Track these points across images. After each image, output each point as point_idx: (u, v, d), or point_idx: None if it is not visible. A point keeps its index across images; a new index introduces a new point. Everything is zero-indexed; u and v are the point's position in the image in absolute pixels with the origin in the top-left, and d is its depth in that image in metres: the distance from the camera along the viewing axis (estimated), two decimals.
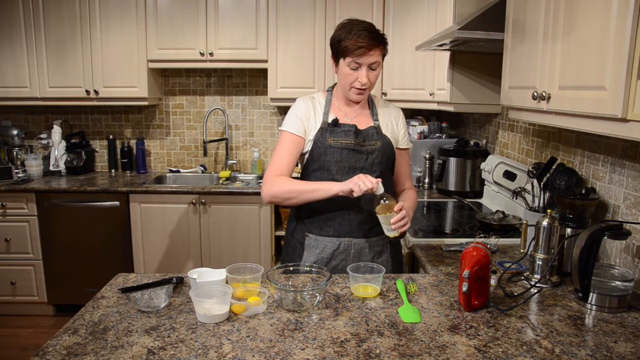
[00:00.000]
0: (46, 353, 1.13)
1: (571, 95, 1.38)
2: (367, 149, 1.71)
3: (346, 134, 1.71)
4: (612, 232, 1.39)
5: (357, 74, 1.65)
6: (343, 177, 1.69)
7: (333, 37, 1.67)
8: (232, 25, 3.41)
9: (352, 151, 1.70)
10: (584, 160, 1.90)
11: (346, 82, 1.68)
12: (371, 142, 1.73)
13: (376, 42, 1.61)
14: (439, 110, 3.09)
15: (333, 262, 1.73)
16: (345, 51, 1.62)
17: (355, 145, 1.70)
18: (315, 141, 1.72)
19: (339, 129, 1.72)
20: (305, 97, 1.80)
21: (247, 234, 3.32)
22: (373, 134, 1.74)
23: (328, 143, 1.70)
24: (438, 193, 3.08)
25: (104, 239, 3.31)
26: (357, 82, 1.66)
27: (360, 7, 3.34)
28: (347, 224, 1.72)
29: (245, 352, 1.14)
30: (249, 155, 3.94)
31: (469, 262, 1.34)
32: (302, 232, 1.77)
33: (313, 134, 1.73)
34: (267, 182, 1.69)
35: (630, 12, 1.11)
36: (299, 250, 1.78)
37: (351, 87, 1.68)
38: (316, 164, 1.73)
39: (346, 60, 1.64)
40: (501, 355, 1.14)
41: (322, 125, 1.73)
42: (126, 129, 3.93)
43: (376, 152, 1.72)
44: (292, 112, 1.76)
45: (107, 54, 3.45)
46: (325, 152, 1.70)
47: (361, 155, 1.71)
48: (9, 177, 3.38)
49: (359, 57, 1.61)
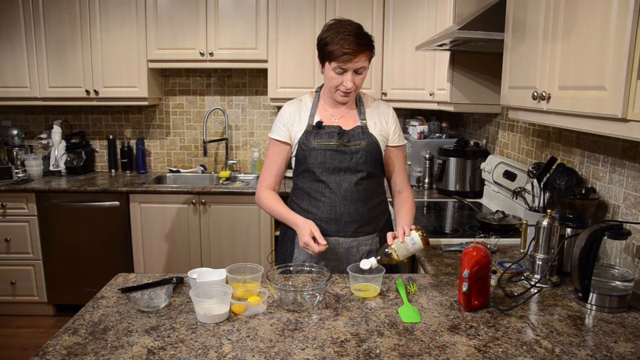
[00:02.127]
0: (46, 353, 1.13)
1: (571, 95, 1.38)
2: (351, 149, 1.72)
3: (330, 135, 1.72)
4: (612, 232, 1.39)
5: (342, 78, 1.65)
6: (328, 178, 1.72)
7: (320, 38, 1.67)
8: (232, 25, 3.41)
9: (336, 152, 1.71)
10: (584, 160, 1.90)
11: (331, 85, 1.69)
12: (356, 142, 1.73)
13: (362, 47, 1.61)
14: (439, 110, 3.09)
15: (322, 262, 1.73)
16: (331, 56, 1.62)
17: (339, 146, 1.71)
18: (300, 144, 1.74)
19: (322, 130, 1.73)
20: (292, 101, 1.83)
21: (247, 234, 3.32)
22: (359, 134, 1.74)
23: (312, 145, 1.72)
24: (438, 193, 3.08)
25: (104, 239, 3.31)
26: (342, 85, 1.67)
27: (360, 7, 3.34)
28: (335, 223, 1.73)
29: (245, 352, 1.14)
30: (249, 155, 3.94)
31: (469, 262, 1.35)
32: (292, 231, 1.77)
33: (299, 137, 1.75)
34: (257, 193, 1.83)
35: (630, 12, 1.11)
36: (290, 249, 1.80)
37: (336, 90, 1.69)
38: (302, 166, 1.76)
39: (331, 64, 1.64)
40: (501, 355, 1.14)
41: (306, 128, 1.75)
42: (126, 129, 3.93)
43: (360, 152, 1.72)
44: (278, 118, 1.80)
45: (107, 54, 3.45)
46: (309, 155, 1.72)
47: (345, 155, 1.71)
48: (9, 177, 3.38)
49: (345, 63, 1.61)
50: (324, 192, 1.74)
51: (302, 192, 1.79)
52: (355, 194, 1.73)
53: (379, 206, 1.81)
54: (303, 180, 1.78)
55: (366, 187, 1.75)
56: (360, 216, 1.74)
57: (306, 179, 1.77)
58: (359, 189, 1.74)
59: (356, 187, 1.73)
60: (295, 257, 1.78)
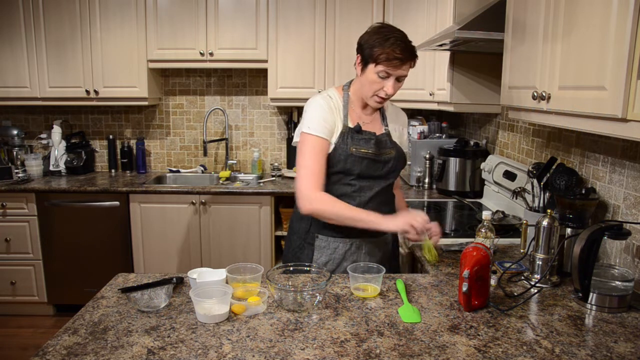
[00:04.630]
0: (46, 353, 1.13)
1: (571, 95, 1.38)
2: (384, 158, 1.71)
3: (367, 142, 1.68)
4: (612, 232, 1.39)
5: (384, 83, 1.60)
6: (359, 183, 1.70)
7: (366, 40, 1.60)
8: (232, 25, 3.41)
9: (372, 161, 1.69)
10: (584, 160, 1.90)
11: (371, 89, 1.63)
12: (386, 151, 1.73)
13: (411, 55, 1.59)
14: (439, 110, 3.09)
15: (345, 263, 1.72)
16: (379, 59, 1.56)
17: (375, 155, 1.69)
18: (337, 147, 1.67)
19: (359, 135, 1.68)
20: (323, 96, 1.72)
21: (247, 234, 3.32)
22: (387, 142, 1.74)
23: (350, 151, 1.66)
24: (438, 193, 3.08)
25: (104, 239, 3.31)
26: (381, 91, 1.62)
27: (360, 7, 3.34)
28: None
29: (245, 352, 1.14)
30: (249, 155, 3.94)
31: (469, 262, 1.35)
32: (312, 234, 1.75)
33: (335, 138, 1.67)
34: (307, 197, 1.61)
35: (630, 12, 1.11)
36: (307, 251, 1.77)
37: (374, 95, 1.64)
38: (334, 168, 1.69)
39: (377, 67, 1.58)
40: (501, 355, 1.14)
41: (343, 129, 1.68)
42: (126, 129, 3.93)
43: (392, 162, 1.73)
44: (317, 113, 1.66)
45: (107, 54, 3.45)
46: (346, 160, 1.67)
47: (378, 164, 1.70)
48: (9, 177, 3.38)
49: (393, 68, 1.57)
50: (352, 195, 1.70)
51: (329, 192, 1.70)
52: (380, 197, 1.74)
53: (393, 207, 1.85)
54: (331, 182, 1.71)
55: (388, 191, 1.79)
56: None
57: (335, 181, 1.71)
58: (383, 193, 1.76)
59: (382, 191, 1.74)
60: (316, 260, 1.75)
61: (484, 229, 1.68)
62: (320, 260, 1.74)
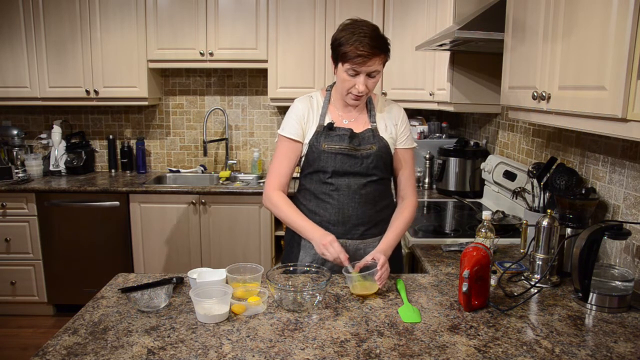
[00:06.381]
0: (46, 353, 1.13)
1: (571, 95, 1.38)
2: (362, 154, 1.68)
3: (341, 138, 1.68)
4: (612, 232, 1.39)
5: (354, 80, 1.60)
6: (337, 181, 1.68)
7: (334, 38, 1.62)
8: (232, 25, 3.41)
9: (347, 156, 1.67)
10: (584, 160, 1.90)
11: (343, 87, 1.64)
12: (366, 147, 1.69)
13: (377, 50, 1.55)
14: (439, 110, 3.09)
15: (329, 263, 1.71)
16: (344, 57, 1.57)
17: (349, 150, 1.67)
18: (311, 145, 1.70)
19: (333, 132, 1.69)
20: (303, 98, 1.76)
21: (247, 234, 3.32)
22: (369, 138, 1.71)
23: (322, 148, 1.67)
24: (438, 193, 3.08)
25: (104, 239, 3.31)
26: (354, 88, 1.61)
27: (360, 7, 3.34)
28: (342, 225, 1.70)
29: (245, 352, 1.14)
30: (249, 155, 3.94)
31: (469, 262, 1.35)
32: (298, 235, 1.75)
33: (309, 138, 1.70)
34: (266, 194, 1.72)
35: (630, 12, 1.11)
36: (295, 251, 1.78)
37: (348, 93, 1.65)
38: (311, 167, 1.72)
39: (344, 65, 1.58)
40: (501, 355, 1.14)
41: (317, 128, 1.70)
42: (126, 129, 3.93)
43: (371, 157, 1.69)
44: (291, 114, 1.73)
45: (107, 54, 3.44)
46: (319, 157, 1.68)
47: (356, 160, 1.68)
48: (9, 177, 3.38)
49: (358, 65, 1.56)
50: (332, 194, 1.70)
51: (310, 193, 1.75)
52: (363, 196, 1.70)
53: (386, 208, 1.77)
54: (311, 182, 1.74)
55: (375, 189, 1.72)
56: (368, 218, 1.71)
57: (314, 181, 1.73)
58: (368, 191, 1.71)
59: (365, 189, 1.70)
60: (301, 259, 1.75)
61: (484, 229, 1.68)
62: (305, 260, 1.73)
